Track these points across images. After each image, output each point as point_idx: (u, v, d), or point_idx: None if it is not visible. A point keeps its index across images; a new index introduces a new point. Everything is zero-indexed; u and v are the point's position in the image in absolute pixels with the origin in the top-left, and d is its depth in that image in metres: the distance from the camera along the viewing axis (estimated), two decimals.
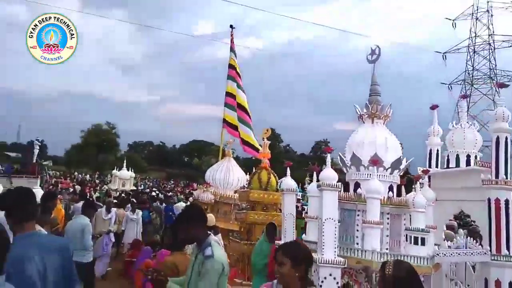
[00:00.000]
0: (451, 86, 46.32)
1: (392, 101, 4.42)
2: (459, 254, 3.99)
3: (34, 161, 27.39)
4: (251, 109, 11.81)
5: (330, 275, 3.44)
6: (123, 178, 26.49)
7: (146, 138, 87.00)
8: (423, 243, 3.76)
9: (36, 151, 27.46)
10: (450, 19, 47.24)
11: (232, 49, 12.84)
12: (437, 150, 4.96)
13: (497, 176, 3.99)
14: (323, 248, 3.51)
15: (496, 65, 45.73)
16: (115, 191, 23.18)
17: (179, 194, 25.91)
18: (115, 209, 11.01)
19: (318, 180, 3.82)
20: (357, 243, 3.95)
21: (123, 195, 17.66)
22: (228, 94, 11.96)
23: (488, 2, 45.60)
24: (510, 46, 46.36)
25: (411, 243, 3.80)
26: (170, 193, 29.32)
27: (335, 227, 3.55)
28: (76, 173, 40.60)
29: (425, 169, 4.33)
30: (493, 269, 3.89)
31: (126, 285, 7.85)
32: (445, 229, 4.84)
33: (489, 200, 4.00)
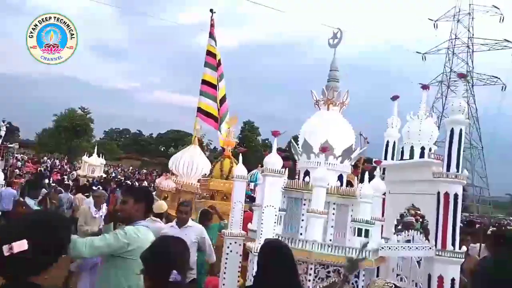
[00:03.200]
0: (428, 87, 47.05)
1: (376, 99, 4.28)
2: (403, 248, 3.86)
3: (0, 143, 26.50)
4: (234, 102, 11.30)
5: None
6: (93, 164, 26.03)
7: (124, 125, 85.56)
8: (366, 235, 3.60)
9: (2, 133, 26.49)
10: (432, 20, 47.84)
11: (211, 35, 12.35)
12: (394, 142, 4.82)
13: (448, 169, 3.87)
14: (260, 237, 3.31)
15: (473, 68, 46.64)
16: (84, 177, 22.69)
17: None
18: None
19: None
20: (301, 233, 3.77)
21: (85, 182, 17.14)
22: (205, 82, 11.52)
23: (470, 4, 46.32)
24: (489, 50, 47.36)
25: (355, 234, 3.64)
26: (144, 182, 28.84)
27: (275, 215, 3.35)
28: (45, 158, 39.43)
29: (377, 160, 4.17)
30: (436, 264, 3.77)
31: None
32: (396, 223, 4.72)
33: (438, 193, 3.88)
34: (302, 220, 3.82)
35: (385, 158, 4.85)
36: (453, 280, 3.74)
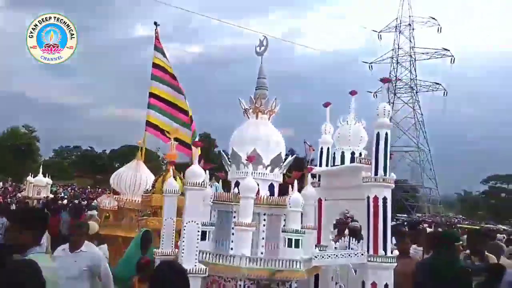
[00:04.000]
0: (376, 95, 48.96)
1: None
2: (336, 256, 3.79)
3: None
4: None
5: None
6: (39, 185, 24.54)
7: (76, 142, 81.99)
8: (297, 245, 3.50)
9: None
10: (376, 31, 50.13)
11: (156, 47, 12.10)
12: (328, 148, 4.79)
13: (376, 173, 3.86)
14: (182, 255, 3.10)
15: (416, 76, 49.28)
16: (29, 199, 21.35)
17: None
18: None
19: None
20: (232, 248, 3.61)
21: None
22: (152, 95, 11.18)
23: (410, 16, 49.04)
24: (429, 58, 50.18)
25: (285, 245, 3.52)
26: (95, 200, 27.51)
27: (198, 231, 3.16)
28: None
29: (310, 167, 4.11)
30: (370, 270, 3.73)
31: None
32: (332, 229, 4.68)
33: (368, 198, 3.86)
34: (233, 234, 3.66)
35: (320, 165, 4.81)
36: (386, 285, 3.71)
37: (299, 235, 3.51)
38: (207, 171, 3.76)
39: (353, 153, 4.28)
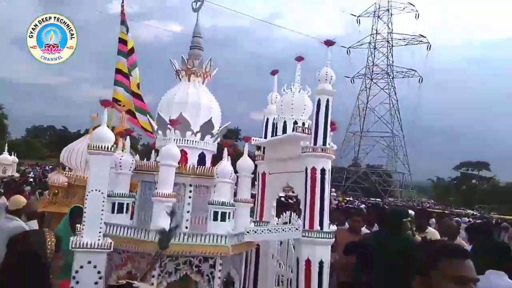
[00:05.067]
0: (353, 80, 49.13)
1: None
2: (269, 231, 3.50)
3: None
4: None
5: (89, 262, 2.68)
6: (4, 163, 23.72)
7: (50, 122, 79.68)
8: (223, 219, 3.19)
9: None
10: (354, 15, 49.84)
11: (123, 22, 11.54)
12: (274, 119, 4.47)
13: (315, 143, 3.57)
14: (82, 229, 2.74)
15: (393, 62, 49.50)
16: None
17: None
18: None
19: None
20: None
21: None
22: (118, 71, 10.70)
23: (388, 1, 48.88)
24: (406, 44, 50.37)
25: (211, 219, 3.21)
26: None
27: (103, 202, 2.79)
28: None
29: (245, 136, 3.78)
30: (304, 246, 3.47)
31: None
32: (275, 205, 4.39)
33: (306, 169, 3.57)
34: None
35: (265, 136, 4.50)
36: (321, 263, 3.46)
37: (226, 207, 3.20)
38: None
39: (295, 123, 3.96)
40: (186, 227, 3.37)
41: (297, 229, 3.47)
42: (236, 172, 3.79)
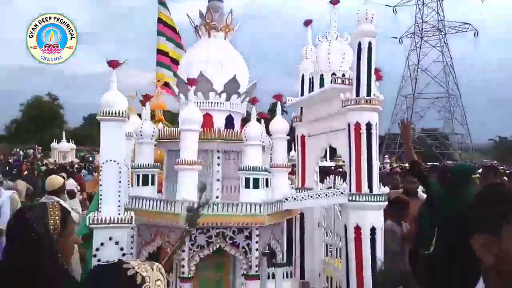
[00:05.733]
0: (401, 40, 46.17)
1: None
2: (311, 197, 3.11)
3: None
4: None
5: (110, 239, 2.45)
6: (63, 150, 25.26)
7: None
8: (256, 186, 2.84)
9: None
10: None
11: (161, 3, 11.38)
12: (310, 75, 3.99)
13: (358, 93, 3.09)
14: (100, 203, 2.50)
15: (444, 17, 45.73)
16: (54, 164, 21.80)
17: None
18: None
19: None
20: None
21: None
22: (160, 51, 10.63)
23: None
24: None
25: (242, 186, 2.87)
26: None
27: (119, 172, 2.52)
28: (17, 149, 38.09)
29: (277, 94, 3.36)
30: (352, 212, 3.05)
31: None
32: (317, 169, 3.97)
33: (349, 125, 3.11)
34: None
35: (302, 95, 4.04)
36: (373, 229, 3.03)
37: (258, 173, 2.84)
38: None
39: (334, 75, 3.47)
40: (217, 197, 3.06)
41: (342, 193, 3.05)
42: (270, 135, 3.42)
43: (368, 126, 3.04)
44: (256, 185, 2.83)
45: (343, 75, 3.43)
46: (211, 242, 2.76)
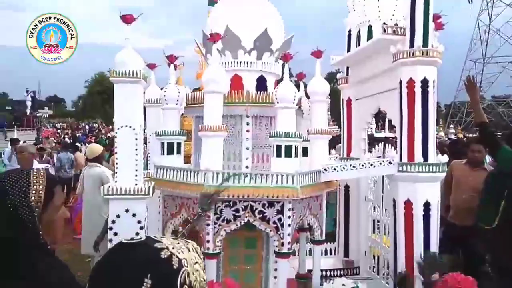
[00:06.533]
0: (471, 0, 41.97)
1: None
2: (354, 167, 2.71)
3: (28, 113, 27.10)
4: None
5: (127, 211, 2.26)
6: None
7: (161, 84, 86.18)
8: (288, 154, 2.49)
9: (29, 103, 26.93)
10: None
11: None
12: (357, 28, 3.49)
13: (412, 44, 2.59)
14: (116, 172, 2.31)
15: None
16: None
17: None
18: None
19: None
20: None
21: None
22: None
23: None
24: None
25: (273, 155, 2.54)
26: None
27: (136, 140, 2.31)
28: (83, 124, 40.59)
29: (316, 50, 2.93)
30: (401, 185, 2.62)
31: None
32: (365, 136, 3.50)
33: (400, 83, 2.64)
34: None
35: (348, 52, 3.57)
36: (427, 204, 2.59)
37: (291, 139, 2.49)
38: None
39: (384, 24, 2.96)
40: (247, 167, 2.77)
41: (390, 163, 2.63)
42: (308, 98, 3.03)
43: (424, 82, 2.56)
44: (288, 154, 2.49)
45: (396, 24, 2.92)
46: (238, 216, 2.50)
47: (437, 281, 2.37)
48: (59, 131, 30.15)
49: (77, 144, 14.55)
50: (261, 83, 2.90)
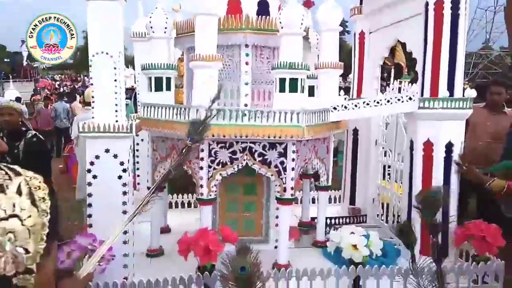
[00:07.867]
0: None
1: None
2: (367, 105, 2.38)
3: (25, 64, 26.45)
4: None
5: (107, 151, 1.97)
6: (124, 75, 25.96)
7: None
8: (293, 89, 2.16)
9: (25, 53, 26.21)
10: None
11: None
12: None
13: None
14: (92, 107, 1.99)
15: None
16: None
17: None
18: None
19: None
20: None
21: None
22: None
23: None
24: None
25: (276, 90, 2.21)
26: None
27: (115, 69, 1.96)
28: (82, 76, 39.96)
29: None
30: (422, 124, 2.31)
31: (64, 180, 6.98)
32: (378, 74, 3.14)
33: (426, 5, 2.24)
34: None
35: None
36: (449, 145, 2.29)
37: (296, 71, 2.14)
38: None
39: None
40: (246, 105, 2.45)
41: (410, 98, 2.30)
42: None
43: (455, 3, 2.16)
44: (293, 88, 2.15)
45: None
46: (236, 159, 2.21)
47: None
48: (57, 83, 29.64)
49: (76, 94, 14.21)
50: (263, 7, 2.51)
